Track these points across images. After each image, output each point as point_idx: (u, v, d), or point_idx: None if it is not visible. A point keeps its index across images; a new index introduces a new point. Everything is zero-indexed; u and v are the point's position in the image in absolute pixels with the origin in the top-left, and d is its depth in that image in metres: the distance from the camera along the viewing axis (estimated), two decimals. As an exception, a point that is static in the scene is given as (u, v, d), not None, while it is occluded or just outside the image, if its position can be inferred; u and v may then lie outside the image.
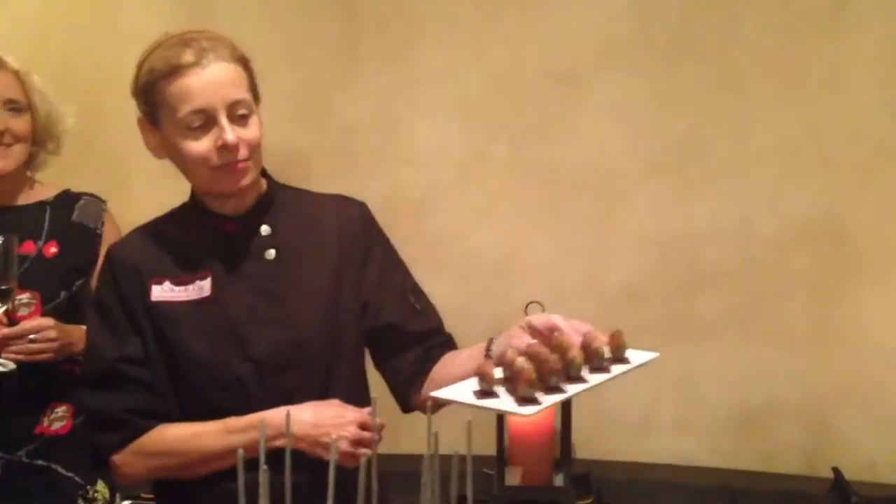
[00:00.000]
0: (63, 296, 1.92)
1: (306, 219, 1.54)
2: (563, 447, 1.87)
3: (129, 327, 1.45)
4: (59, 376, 1.89)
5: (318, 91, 2.80)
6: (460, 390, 1.26)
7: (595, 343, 1.26)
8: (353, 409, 1.43)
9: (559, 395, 1.20)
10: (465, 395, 1.24)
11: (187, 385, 1.44)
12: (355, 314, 1.53)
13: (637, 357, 1.28)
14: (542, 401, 1.19)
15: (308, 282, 1.49)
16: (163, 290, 1.45)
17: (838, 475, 2.31)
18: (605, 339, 1.27)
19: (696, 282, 2.58)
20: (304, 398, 1.43)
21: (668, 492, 2.34)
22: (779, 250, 2.52)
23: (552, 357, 1.22)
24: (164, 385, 1.45)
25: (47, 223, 1.96)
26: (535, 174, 2.68)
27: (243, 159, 1.41)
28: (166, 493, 1.52)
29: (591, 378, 1.24)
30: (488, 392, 1.23)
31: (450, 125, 2.72)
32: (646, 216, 2.61)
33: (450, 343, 1.59)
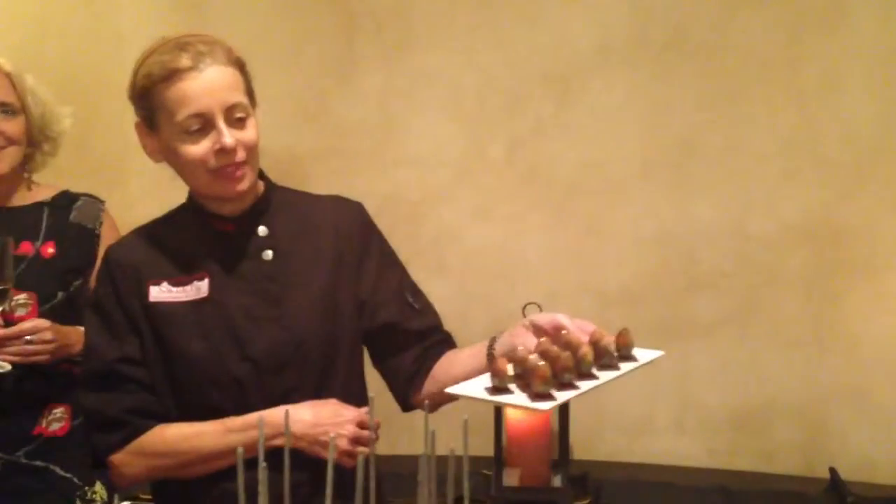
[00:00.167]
0: (60, 296, 1.91)
1: (303, 219, 1.54)
2: (561, 448, 1.87)
3: (127, 328, 1.45)
4: (57, 378, 1.89)
5: (315, 93, 2.81)
6: (474, 386, 1.27)
7: (604, 341, 1.28)
8: (352, 409, 1.44)
9: (573, 392, 1.22)
10: (479, 392, 1.25)
11: (185, 385, 1.44)
12: (353, 314, 1.53)
13: (644, 355, 1.30)
14: (557, 397, 1.20)
15: (305, 282, 1.49)
16: (161, 291, 1.45)
17: (835, 475, 2.32)
18: (611, 337, 1.30)
19: (693, 282, 2.58)
20: (302, 398, 1.44)
21: (665, 492, 2.34)
22: (775, 251, 2.52)
23: (564, 354, 1.23)
24: (163, 385, 1.45)
25: (45, 224, 1.95)
26: (533, 175, 2.68)
27: (241, 162, 1.42)
28: (165, 494, 1.52)
29: (601, 375, 1.26)
30: (501, 388, 1.24)
31: (447, 126, 2.73)
32: (643, 217, 2.62)
33: (448, 341, 1.59)
